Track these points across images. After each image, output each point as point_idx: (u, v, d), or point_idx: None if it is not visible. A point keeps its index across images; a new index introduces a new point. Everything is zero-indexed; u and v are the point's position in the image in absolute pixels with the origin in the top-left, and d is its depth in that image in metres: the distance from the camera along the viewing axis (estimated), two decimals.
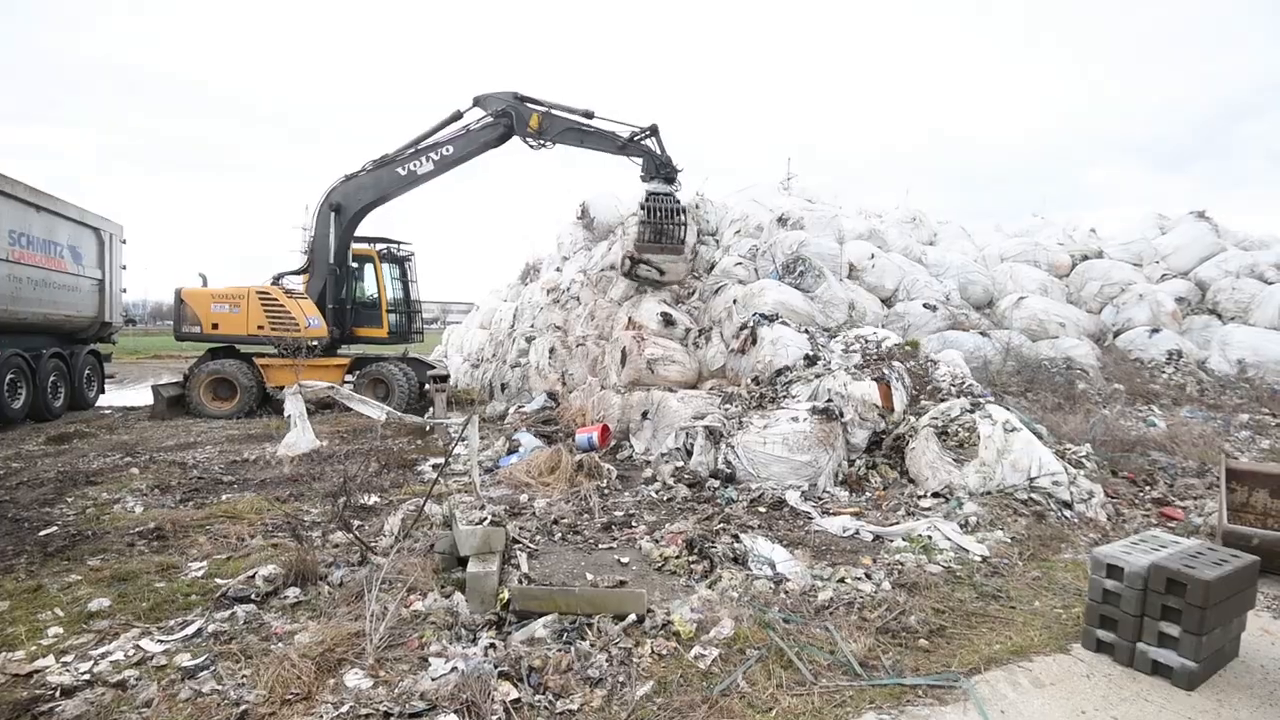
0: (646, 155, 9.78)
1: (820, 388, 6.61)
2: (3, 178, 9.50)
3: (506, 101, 10.46)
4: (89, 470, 7.12)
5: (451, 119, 10.93)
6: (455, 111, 10.89)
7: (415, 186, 11.38)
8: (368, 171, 11.33)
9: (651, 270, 9.72)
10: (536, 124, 10.33)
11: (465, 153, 10.97)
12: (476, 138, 10.81)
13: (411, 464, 7.54)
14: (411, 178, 11.18)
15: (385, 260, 12.82)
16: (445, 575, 3.93)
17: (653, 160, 9.70)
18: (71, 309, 11.39)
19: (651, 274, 9.76)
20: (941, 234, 13.87)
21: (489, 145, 10.86)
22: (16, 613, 3.70)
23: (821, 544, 4.72)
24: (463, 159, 11.05)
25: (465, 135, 10.88)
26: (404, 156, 11.12)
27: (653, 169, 9.68)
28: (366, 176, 11.36)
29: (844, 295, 9.13)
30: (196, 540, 4.88)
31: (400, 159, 11.15)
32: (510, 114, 10.42)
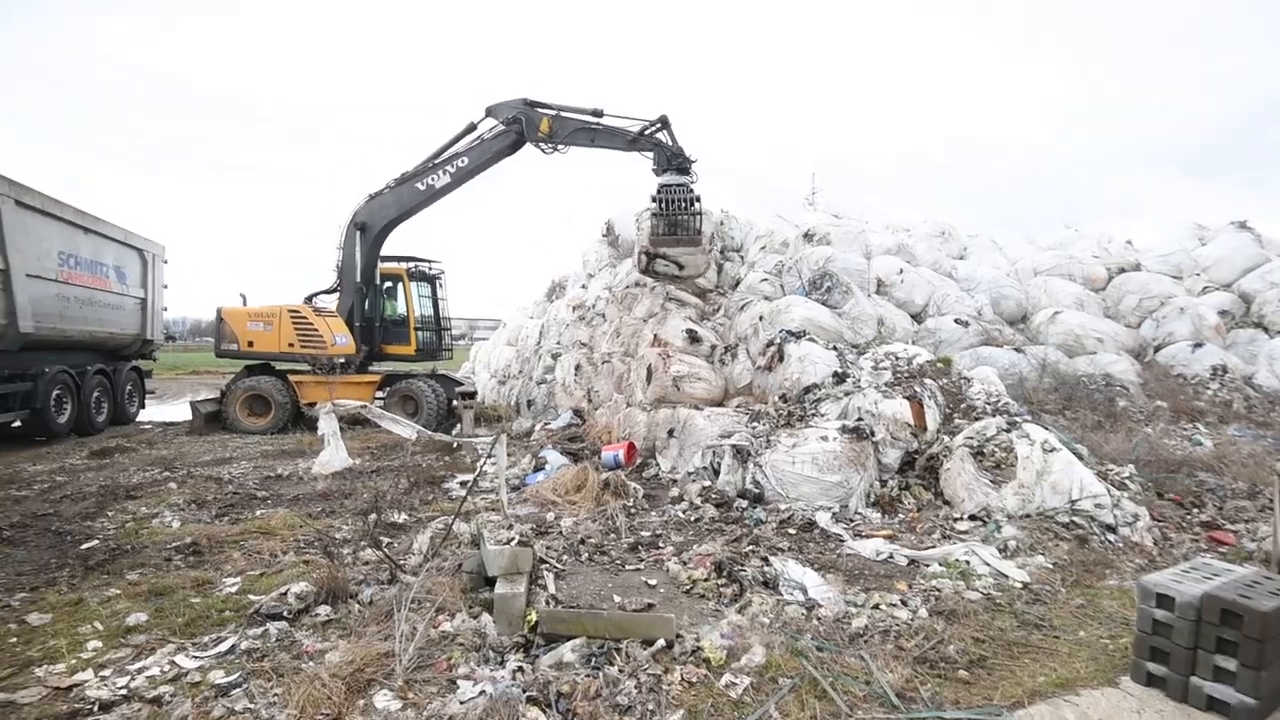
0: (657, 148, 9.62)
1: (850, 406, 6.51)
2: (53, 201, 9.90)
3: (517, 108, 10.53)
4: (129, 485, 7.31)
5: (466, 131, 11.07)
6: (470, 123, 11.03)
7: (435, 200, 11.53)
8: (389, 189, 11.56)
9: (669, 265, 9.44)
10: (547, 128, 10.37)
11: (480, 162, 11.06)
12: (490, 147, 10.91)
13: (439, 480, 7.60)
14: (430, 192, 11.35)
15: (414, 278, 13.00)
16: (473, 595, 3.93)
17: (664, 152, 9.53)
18: (116, 327, 11.77)
19: (669, 269, 9.49)
20: (972, 248, 13.64)
21: (503, 153, 10.95)
22: (58, 625, 3.80)
23: (854, 568, 4.62)
24: (478, 169, 11.15)
25: (479, 145, 11.00)
26: (422, 171, 11.32)
27: (664, 161, 9.50)
28: (388, 194, 11.59)
29: (872, 311, 9.02)
30: (231, 556, 4.96)
31: (419, 174, 11.35)
32: (520, 120, 10.48)
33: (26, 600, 4.16)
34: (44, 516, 6.02)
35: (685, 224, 9.15)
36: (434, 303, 13.59)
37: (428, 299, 13.50)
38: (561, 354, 12.48)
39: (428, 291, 13.51)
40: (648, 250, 9.48)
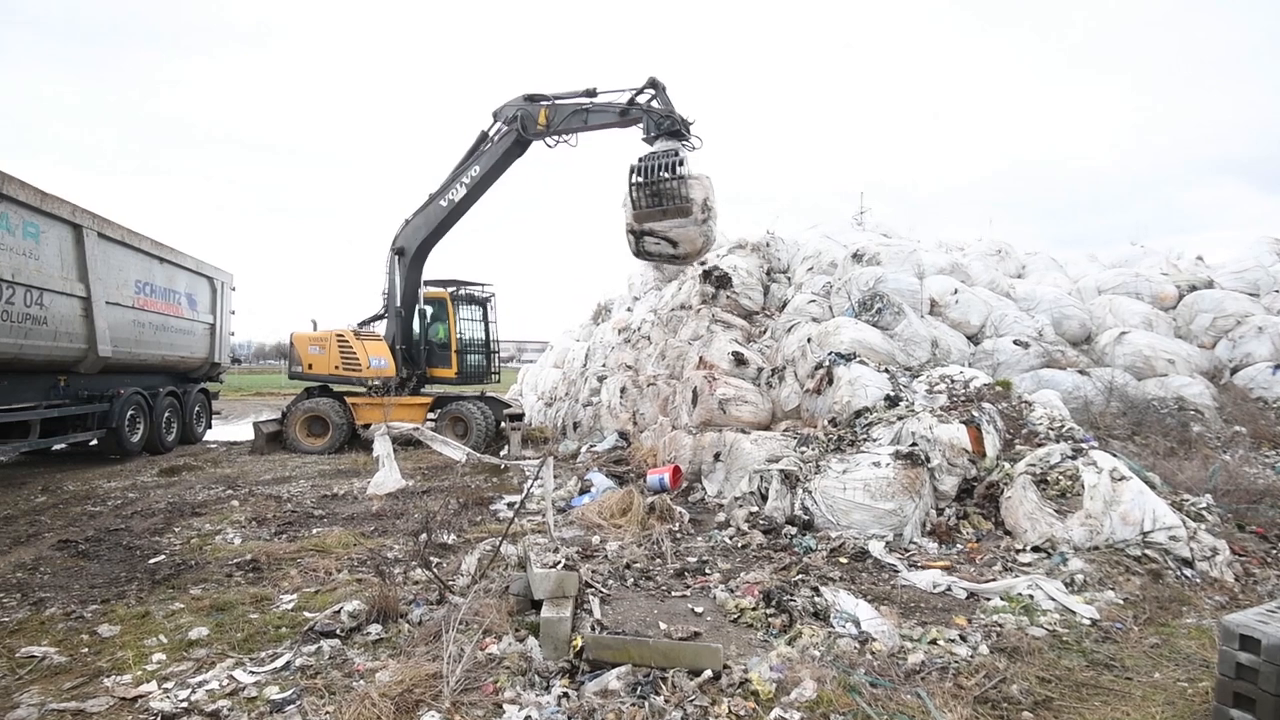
0: (646, 115, 9.05)
1: (903, 430, 6.32)
2: (131, 233, 10.54)
3: (517, 105, 10.48)
4: (195, 502, 7.62)
5: (479, 140, 11.17)
6: (481, 133, 11.12)
7: (459, 215, 11.62)
8: (419, 212, 11.81)
9: (662, 244, 8.68)
10: (545, 119, 10.20)
11: (489, 167, 11.04)
12: (496, 150, 10.91)
13: (487, 501, 7.69)
14: (451, 207, 11.47)
15: (459, 301, 13.16)
16: (519, 618, 3.93)
17: (652, 118, 8.93)
18: (186, 350, 12.40)
19: (663, 248, 8.73)
20: (1030, 266, 13.20)
21: (510, 154, 10.91)
22: (125, 637, 3.96)
23: (909, 600, 4.44)
24: (490, 175, 11.16)
25: (488, 151, 11.03)
26: (443, 188, 11.49)
27: (653, 127, 8.88)
28: (419, 217, 11.83)
29: (926, 333, 8.78)
30: (288, 573, 5.10)
31: (441, 192, 11.53)
32: (519, 117, 10.41)
33: (98, 612, 4.35)
34: (116, 531, 6.32)
35: (669, 191, 8.35)
36: (484, 326, 13.76)
37: (477, 322, 13.69)
38: (607, 376, 12.55)
39: (477, 314, 13.70)
40: (632, 227, 8.82)
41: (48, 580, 4.99)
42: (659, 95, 9.07)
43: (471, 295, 13.56)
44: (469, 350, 13.37)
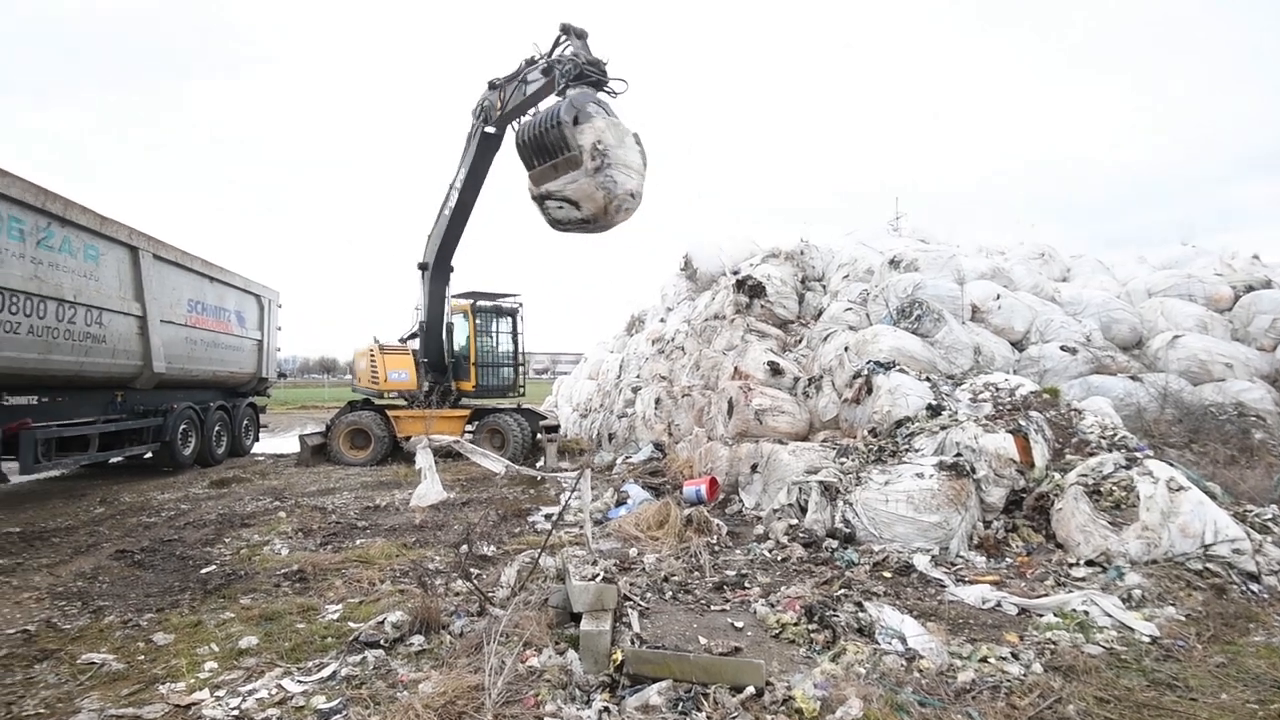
0: (556, 65, 8.33)
1: (947, 440, 6.17)
2: (184, 254, 10.97)
3: (483, 96, 10.27)
4: (244, 513, 7.84)
5: (465, 142, 11.05)
6: (467, 134, 10.97)
7: (462, 219, 11.46)
8: (434, 225, 11.85)
9: (565, 206, 7.76)
10: (500, 102, 9.87)
11: (470, 165, 10.82)
12: (469, 148, 10.74)
13: (525, 513, 7.74)
14: (452, 214, 11.38)
15: (480, 314, 13.13)
16: (559, 630, 3.94)
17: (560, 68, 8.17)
18: (236, 366, 12.82)
19: (567, 211, 7.79)
20: (1075, 269, 12.81)
21: (485, 148, 10.63)
22: (179, 645, 4.08)
23: (958, 616, 4.32)
24: (474, 173, 10.92)
25: (465, 149, 10.90)
26: (445, 197, 11.46)
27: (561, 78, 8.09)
28: (434, 229, 11.84)
29: (968, 339, 8.58)
30: (333, 583, 5.20)
31: (444, 201, 11.50)
32: (483, 107, 10.28)
33: (153, 620, 4.49)
34: (169, 542, 6.54)
35: (552, 141, 7.48)
36: (512, 337, 13.66)
37: (502, 334, 13.59)
38: (641, 387, 12.56)
39: (502, 326, 13.60)
40: (532, 193, 8.06)
41: (106, 589, 5.18)
42: (571, 42, 8.45)
43: (497, 307, 13.48)
44: (490, 363, 13.25)
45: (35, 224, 7.69)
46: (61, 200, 8.08)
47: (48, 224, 7.90)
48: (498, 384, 13.39)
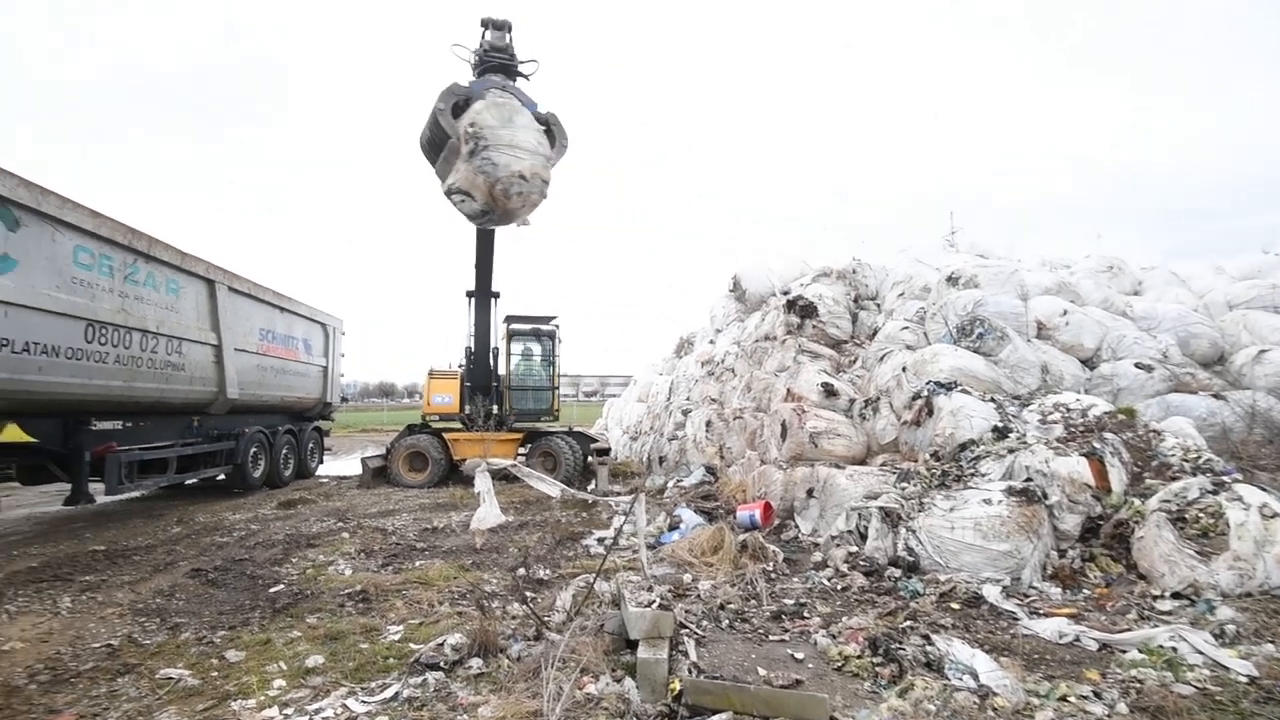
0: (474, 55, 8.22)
1: (1016, 464, 5.90)
2: (256, 285, 11.55)
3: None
4: (310, 534, 8.11)
5: None
6: None
7: (485, 245, 11.48)
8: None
9: (465, 200, 7.49)
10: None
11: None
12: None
13: (578, 536, 7.76)
14: (477, 241, 11.48)
15: (512, 337, 13.25)
16: (615, 657, 3.91)
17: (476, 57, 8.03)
18: (302, 391, 13.37)
19: (469, 205, 7.55)
20: (1148, 282, 12.19)
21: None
22: (250, 662, 4.21)
23: (1033, 651, 4.09)
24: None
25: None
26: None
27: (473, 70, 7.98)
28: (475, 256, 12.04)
29: (1034, 358, 8.24)
30: (394, 604, 5.30)
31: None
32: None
33: (226, 637, 4.67)
34: (240, 561, 6.80)
35: (439, 136, 7.32)
36: (542, 362, 13.66)
37: (534, 358, 13.66)
38: (691, 410, 12.50)
39: (534, 349, 13.67)
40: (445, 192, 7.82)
41: (182, 606, 5.42)
42: (495, 31, 8.49)
43: (535, 330, 13.50)
44: (523, 386, 13.29)
45: (123, 260, 8.25)
46: (146, 238, 8.64)
47: (134, 260, 8.45)
48: (532, 408, 13.31)
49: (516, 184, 7.17)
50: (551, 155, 7.60)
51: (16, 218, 6.57)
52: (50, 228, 7.03)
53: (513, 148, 7.17)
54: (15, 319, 6.53)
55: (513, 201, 7.33)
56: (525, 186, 7.25)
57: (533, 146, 7.30)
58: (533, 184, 7.31)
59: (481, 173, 7.19)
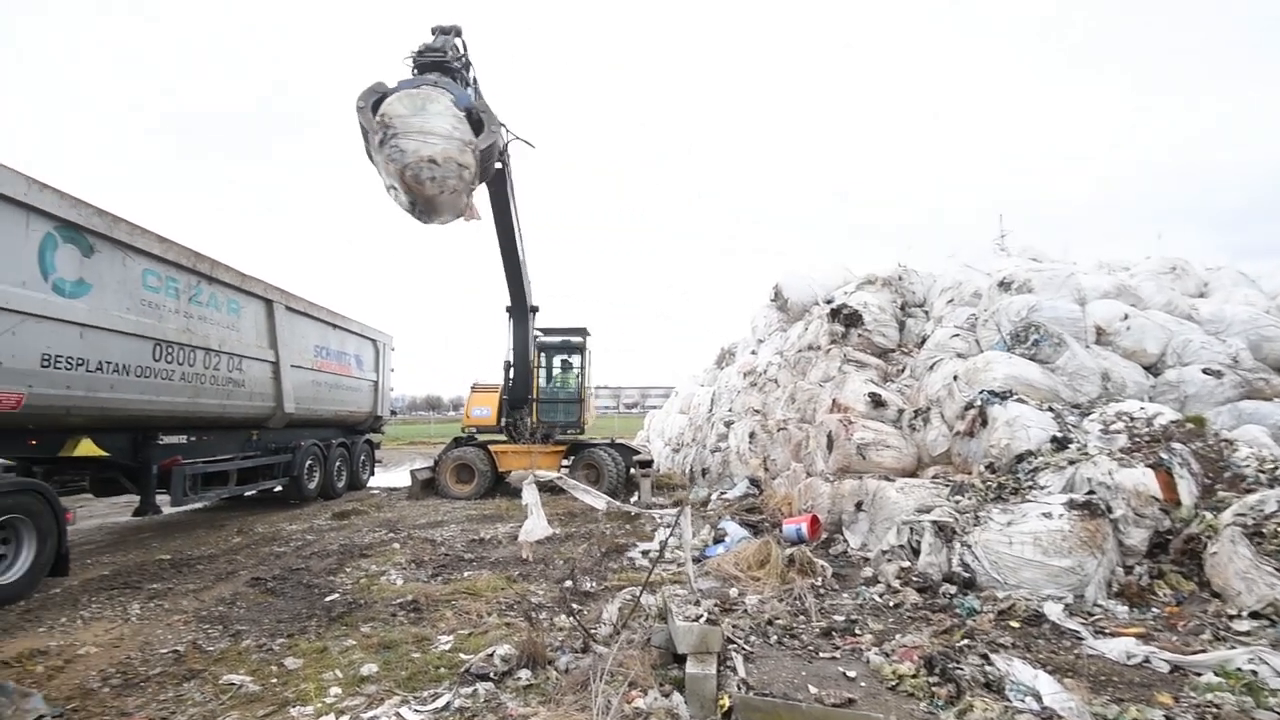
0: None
1: (1077, 476, 5.68)
2: (311, 304, 11.96)
3: None
4: (362, 544, 8.31)
5: None
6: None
7: (510, 261, 11.67)
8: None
9: (395, 193, 7.41)
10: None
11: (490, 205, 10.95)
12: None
13: (622, 549, 7.75)
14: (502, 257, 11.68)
15: (541, 350, 13.30)
16: (663, 671, 3.89)
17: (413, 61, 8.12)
18: (355, 406, 13.75)
19: (399, 199, 7.45)
20: (1213, 283, 11.60)
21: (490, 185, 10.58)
22: (307, 670, 4.33)
23: (1099, 672, 3.91)
24: (496, 213, 11.11)
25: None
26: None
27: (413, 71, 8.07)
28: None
29: (1094, 365, 7.93)
30: (444, 614, 5.38)
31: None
32: None
33: (284, 645, 4.80)
34: (297, 570, 7.00)
35: (363, 135, 7.31)
36: (574, 373, 13.71)
37: (564, 371, 13.73)
38: (734, 421, 12.41)
39: (561, 362, 13.74)
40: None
41: (243, 614, 5.60)
42: (438, 38, 8.66)
43: (563, 343, 13.52)
44: (550, 399, 13.29)
45: (188, 283, 8.65)
46: (209, 260, 9.05)
47: (198, 282, 8.86)
48: (561, 420, 13.30)
49: (427, 169, 7.05)
50: (473, 140, 7.52)
51: (91, 244, 6.96)
52: (121, 253, 7.43)
53: (423, 134, 7.08)
54: (90, 339, 6.90)
55: (427, 188, 7.15)
56: (437, 171, 7.10)
57: (445, 131, 7.18)
58: (446, 168, 7.15)
59: (392, 161, 7.08)
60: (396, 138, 7.07)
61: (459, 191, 7.31)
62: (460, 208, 7.76)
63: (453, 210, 7.65)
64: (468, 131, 7.39)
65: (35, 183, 6.19)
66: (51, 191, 6.38)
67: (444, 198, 7.24)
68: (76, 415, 6.97)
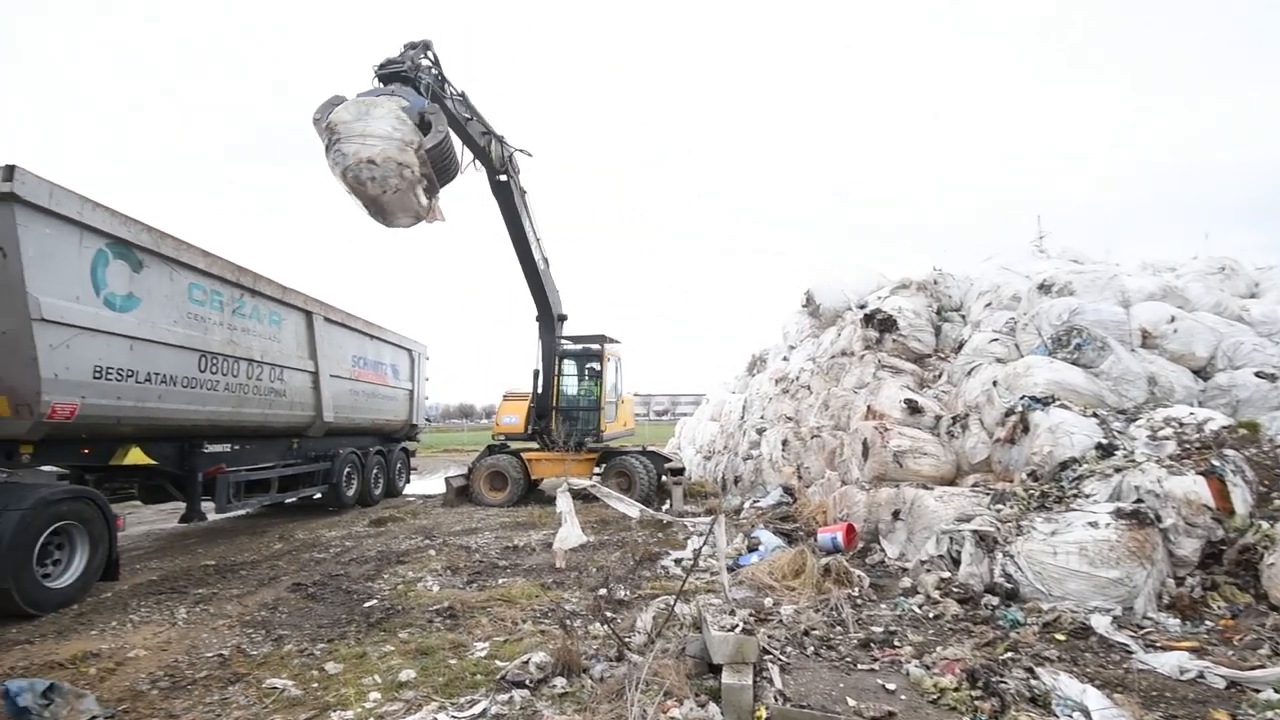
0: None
1: (1124, 484, 5.49)
2: (348, 315, 12.22)
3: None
4: (399, 551, 8.44)
5: None
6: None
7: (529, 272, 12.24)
8: None
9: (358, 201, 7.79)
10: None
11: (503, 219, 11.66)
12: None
13: (655, 557, 7.73)
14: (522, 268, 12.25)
15: (562, 357, 13.31)
16: (698, 681, 3.86)
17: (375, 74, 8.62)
18: (391, 414, 14.00)
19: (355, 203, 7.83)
20: (1265, 283, 11.12)
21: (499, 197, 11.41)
22: (347, 675, 4.40)
23: (1150, 688, 3.77)
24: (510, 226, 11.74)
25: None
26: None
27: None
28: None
29: (1140, 369, 7.68)
30: (480, 621, 5.44)
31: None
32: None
33: (325, 650, 4.89)
34: (336, 576, 7.14)
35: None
36: (591, 381, 13.66)
37: (579, 378, 13.69)
38: (766, 429, 12.30)
39: (582, 370, 13.72)
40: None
41: (285, 619, 5.73)
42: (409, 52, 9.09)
43: (583, 350, 13.51)
44: (568, 407, 13.27)
45: (231, 296, 8.92)
46: (251, 274, 9.32)
47: (240, 295, 9.12)
48: (579, 427, 13.25)
49: (366, 169, 7.31)
50: (414, 140, 7.72)
51: (140, 260, 7.22)
52: (169, 268, 7.69)
53: (363, 136, 7.38)
54: (139, 352, 7.15)
55: (369, 188, 7.41)
56: (376, 171, 7.33)
57: (385, 133, 7.42)
58: (385, 168, 7.37)
59: (337, 165, 7.33)
60: (339, 142, 7.38)
61: (403, 191, 7.57)
62: (414, 209, 8.02)
63: (405, 211, 7.94)
64: (410, 132, 7.60)
65: (88, 201, 6.46)
66: (103, 210, 6.65)
67: (388, 198, 7.53)
68: (126, 425, 7.22)
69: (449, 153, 8.35)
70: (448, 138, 8.29)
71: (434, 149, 7.90)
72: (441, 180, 8.42)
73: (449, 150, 8.35)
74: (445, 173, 8.40)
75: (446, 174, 8.45)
